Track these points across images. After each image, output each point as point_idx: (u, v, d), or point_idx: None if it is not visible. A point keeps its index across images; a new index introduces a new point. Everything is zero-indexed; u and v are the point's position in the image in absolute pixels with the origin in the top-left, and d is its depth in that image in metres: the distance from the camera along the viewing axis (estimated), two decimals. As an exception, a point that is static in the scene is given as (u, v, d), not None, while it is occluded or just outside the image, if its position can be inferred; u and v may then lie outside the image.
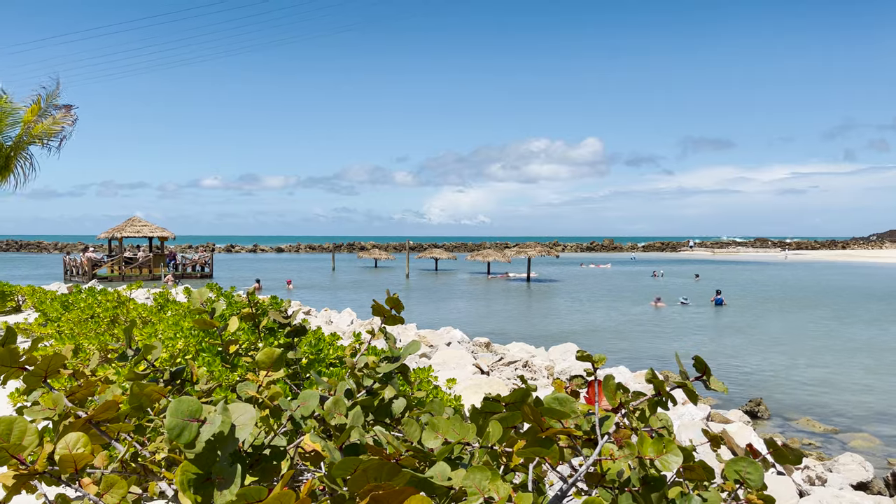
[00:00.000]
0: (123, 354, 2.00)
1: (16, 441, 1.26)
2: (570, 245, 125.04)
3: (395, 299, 2.21)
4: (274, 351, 1.88)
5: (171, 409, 1.22)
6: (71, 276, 38.12)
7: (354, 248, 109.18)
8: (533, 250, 47.32)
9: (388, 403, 1.79)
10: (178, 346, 3.52)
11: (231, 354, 2.69)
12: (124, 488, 1.27)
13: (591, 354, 1.49)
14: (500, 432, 1.35)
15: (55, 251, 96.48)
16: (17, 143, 13.04)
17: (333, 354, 3.50)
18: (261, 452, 1.47)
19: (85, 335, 5.87)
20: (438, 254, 57.12)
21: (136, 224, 38.44)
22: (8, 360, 1.63)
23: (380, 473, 1.15)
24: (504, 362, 11.64)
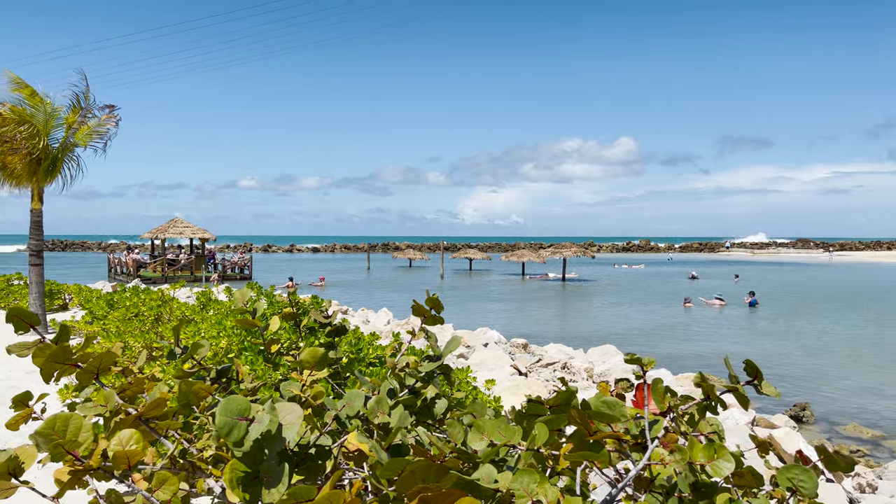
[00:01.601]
0: (172, 352, 2.03)
1: (71, 437, 1.29)
2: (606, 245, 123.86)
3: (435, 300, 2.21)
4: (317, 350, 1.90)
5: (220, 408, 1.24)
6: (115, 275, 39.09)
7: (389, 248, 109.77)
8: (568, 251, 46.98)
9: (431, 403, 1.79)
10: (221, 344, 3.58)
11: (273, 353, 2.72)
12: (175, 485, 1.29)
13: (640, 357, 1.46)
14: (546, 435, 1.34)
15: (99, 250, 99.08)
16: (64, 144, 13.39)
17: (373, 354, 3.51)
18: (306, 451, 1.48)
19: (130, 333, 6.00)
20: (473, 254, 57.09)
21: (178, 225, 39.22)
22: (62, 358, 1.66)
23: (427, 475, 1.15)
24: (542, 364, 11.57)
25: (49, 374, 1.66)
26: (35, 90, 13.00)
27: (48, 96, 13.15)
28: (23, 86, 12.89)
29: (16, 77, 12.82)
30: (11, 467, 1.42)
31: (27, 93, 12.93)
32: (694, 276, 49.79)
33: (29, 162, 12.87)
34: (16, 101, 12.87)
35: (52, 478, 2.21)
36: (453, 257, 58.60)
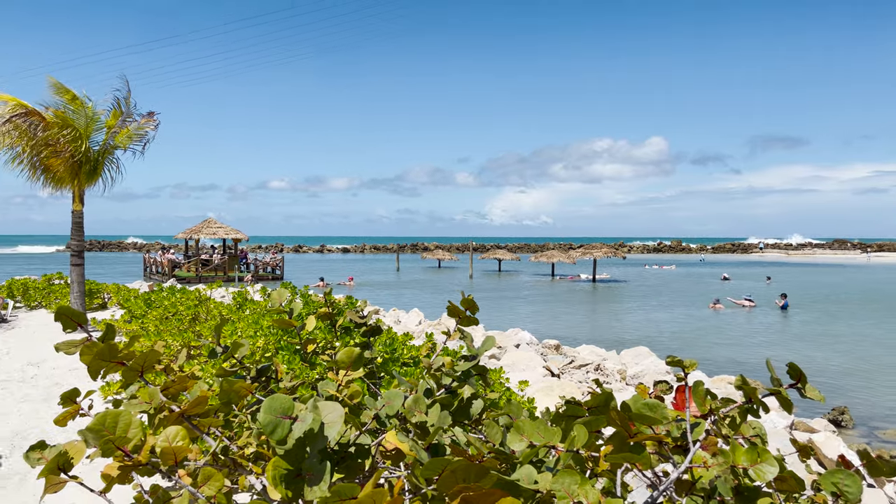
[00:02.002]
0: (213, 351, 2.07)
1: (121, 433, 1.32)
2: (637, 246, 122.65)
3: (470, 301, 2.21)
4: (354, 350, 1.92)
5: (265, 406, 1.26)
6: (150, 275, 39.84)
7: (418, 248, 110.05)
8: (598, 251, 46.60)
9: (468, 404, 1.79)
10: (258, 343, 3.63)
11: (309, 353, 2.75)
12: (220, 481, 1.32)
13: (681, 360, 1.45)
14: (585, 436, 1.34)
15: (134, 250, 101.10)
16: (104, 147, 13.71)
17: (407, 354, 3.53)
18: (346, 450, 1.50)
19: (168, 332, 6.12)
20: (502, 255, 56.96)
21: (211, 226, 39.82)
22: (108, 356, 1.70)
23: (468, 475, 1.15)
24: (575, 365, 11.50)
25: (96, 372, 1.71)
26: (76, 95, 13.33)
27: (89, 100, 13.49)
28: (64, 91, 13.23)
29: (57, 82, 13.16)
30: (61, 462, 1.46)
31: (68, 97, 13.27)
32: (726, 277, 49.03)
33: (71, 165, 13.21)
34: (58, 106, 13.22)
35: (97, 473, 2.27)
36: (482, 258, 58.52)
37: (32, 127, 12.86)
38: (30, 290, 16.80)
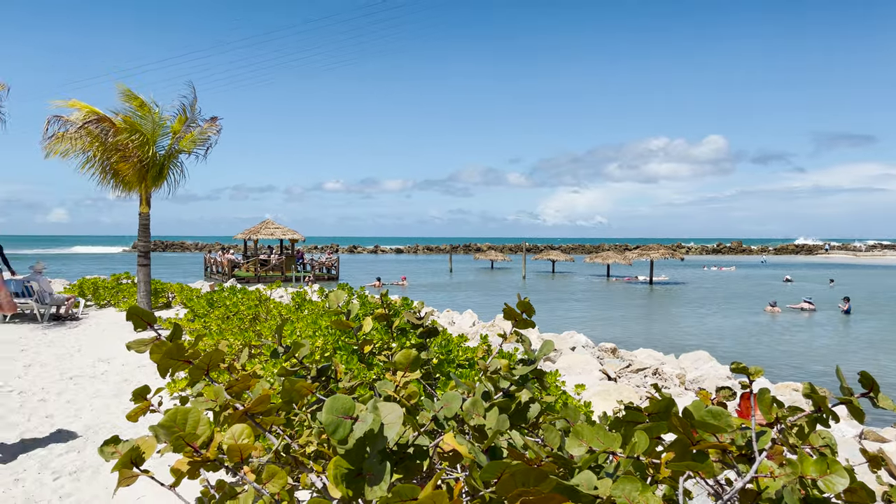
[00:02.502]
0: (275, 351, 2.12)
1: (190, 430, 1.37)
2: (695, 247, 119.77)
3: (527, 303, 2.21)
4: (411, 352, 1.94)
5: (327, 406, 1.29)
6: (211, 275, 41.00)
7: (470, 249, 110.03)
8: (655, 252, 45.70)
9: (525, 407, 1.79)
10: (317, 343, 3.70)
11: (367, 353, 2.79)
12: (284, 478, 1.35)
13: (746, 366, 1.42)
14: (646, 443, 1.32)
15: (196, 251, 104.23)
16: (169, 151, 14.20)
17: (462, 356, 3.55)
18: (405, 451, 1.52)
19: (230, 331, 6.30)
20: (555, 255, 56.45)
21: (269, 227, 40.73)
22: (176, 355, 1.76)
23: (527, 479, 1.15)
24: (632, 369, 11.32)
25: (165, 370, 1.77)
26: (144, 101, 13.86)
27: (156, 106, 14.00)
28: (133, 97, 13.77)
29: (126, 89, 13.70)
30: (133, 457, 1.52)
31: (137, 104, 13.80)
32: (788, 279, 47.42)
33: (138, 169, 13.74)
34: (127, 112, 13.77)
35: (166, 468, 2.35)
36: (535, 259, 58.13)
37: (103, 133, 13.42)
38: (99, 290, 17.52)
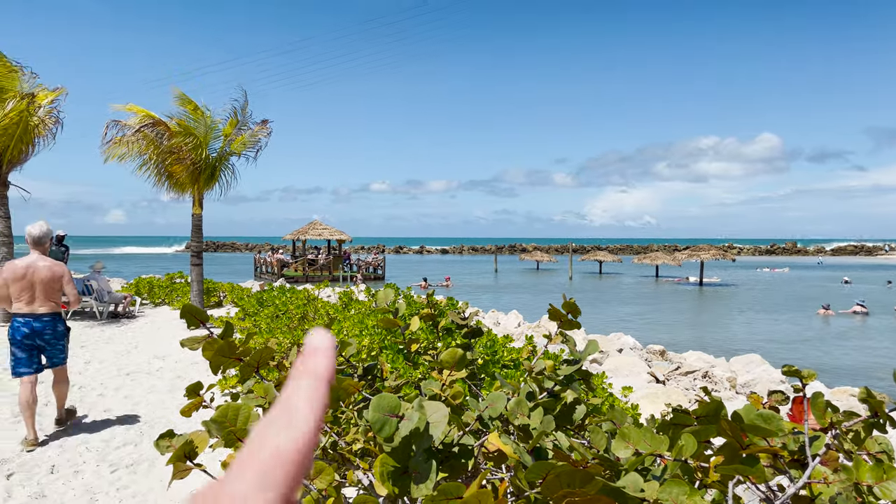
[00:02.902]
0: (323, 350, 2.16)
1: (241, 425, 1.41)
2: (747, 248, 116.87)
3: (572, 304, 2.19)
4: (456, 351, 1.94)
5: (373, 405, 1.30)
6: (260, 274, 41.84)
7: (516, 249, 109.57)
8: (706, 253, 44.74)
9: (570, 408, 1.78)
10: (363, 342, 3.75)
11: (413, 353, 2.81)
12: (331, 475, 1.37)
13: (798, 369, 1.39)
14: (694, 446, 1.30)
15: (246, 251, 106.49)
16: (221, 154, 14.56)
17: (507, 356, 3.54)
18: (450, 450, 1.53)
19: (279, 330, 6.42)
20: (602, 256, 55.77)
21: (317, 227, 41.34)
22: (228, 352, 1.81)
23: (573, 480, 1.15)
24: (681, 372, 11.10)
25: (217, 367, 1.82)
26: (197, 104, 14.24)
27: (208, 109, 14.37)
28: (187, 101, 14.16)
29: (181, 93, 14.11)
30: (187, 451, 1.57)
31: (191, 107, 14.20)
32: (846, 280, 45.83)
33: (192, 171, 14.12)
34: (181, 116, 14.17)
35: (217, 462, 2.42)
36: (582, 259, 57.54)
37: (159, 136, 13.85)
38: (154, 288, 18.07)
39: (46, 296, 5.94)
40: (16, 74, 13.28)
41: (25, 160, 14.02)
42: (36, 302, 5.91)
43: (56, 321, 6.06)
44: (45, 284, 5.91)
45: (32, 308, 5.90)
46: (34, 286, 5.88)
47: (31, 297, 5.89)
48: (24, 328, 5.89)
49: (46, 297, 5.94)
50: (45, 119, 13.88)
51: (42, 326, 5.93)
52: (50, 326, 5.98)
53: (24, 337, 5.88)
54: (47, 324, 5.96)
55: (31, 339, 5.91)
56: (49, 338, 5.98)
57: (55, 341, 6.04)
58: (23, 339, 5.88)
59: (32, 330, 5.91)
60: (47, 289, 5.93)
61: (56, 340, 6.05)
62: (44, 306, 5.94)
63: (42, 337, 5.94)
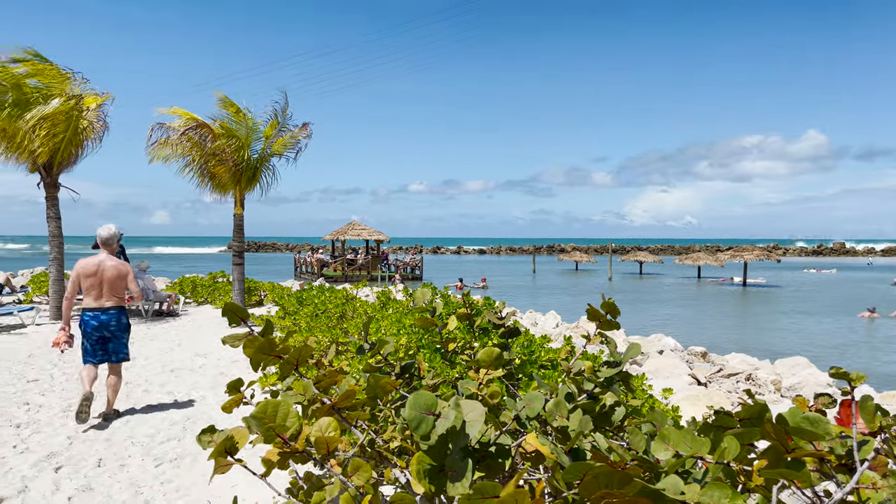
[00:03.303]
0: (361, 348, 2.17)
1: (280, 422, 1.43)
2: (793, 249, 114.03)
3: (611, 304, 2.16)
4: (493, 350, 1.94)
5: (410, 402, 1.31)
6: (300, 274, 42.38)
7: (554, 250, 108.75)
8: (750, 254, 43.80)
9: (610, 410, 1.76)
10: (401, 341, 3.77)
11: (450, 352, 2.81)
12: (369, 472, 1.38)
13: (846, 372, 1.34)
14: (737, 448, 1.27)
15: (286, 251, 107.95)
16: (262, 155, 14.80)
17: (545, 357, 3.52)
18: (487, 449, 1.52)
19: (318, 328, 6.50)
20: (643, 257, 55.00)
21: (355, 228, 41.71)
22: (268, 350, 1.83)
23: (611, 481, 1.13)
24: (723, 374, 10.89)
25: (257, 364, 1.85)
26: (239, 107, 14.50)
27: (249, 112, 14.62)
28: (229, 104, 14.44)
29: (224, 96, 14.38)
30: (228, 446, 1.60)
31: (233, 110, 14.47)
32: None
33: (234, 172, 14.39)
34: (224, 118, 14.46)
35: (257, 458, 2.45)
36: (622, 260, 56.85)
37: (202, 138, 14.14)
38: (197, 287, 18.44)
39: (112, 291, 6.54)
40: (67, 80, 13.72)
41: (75, 163, 14.48)
42: (103, 297, 6.51)
43: (121, 314, 6.66)
44: (111, 281, 6.51)
45: (100, 302, 6.51)
46: (102, 283, 6.49)
47: (99, 292, 6.49)
48: (93, 321, 6.49)
49: (112, 293, 6.54)
50: (93, 122, 14.31)
51: (108, 319, 6.54)
52: (115, 319, 6.59)
53: (93, 329, 6.49)
54: (113, 316, 6.57)
55: (98, 331, 6.52)
56: (115, 329, 6.60)
57: (120, 333, 6.65)
58: (92, 331, 6.49)
59: (100, 322, 6.51)
60: (113, 285, 6.53)
61: (121, 333, 6.66)
62: (110, 301, 6.54)
63: (108, 328, 6.55)
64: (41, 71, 13.39)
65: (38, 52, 13.50)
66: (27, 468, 5.17)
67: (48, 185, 14.01)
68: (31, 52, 13.42)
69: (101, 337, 6.55)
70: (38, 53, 13.48)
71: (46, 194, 14.04)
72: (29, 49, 13.40)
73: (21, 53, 13.31)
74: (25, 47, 13.37)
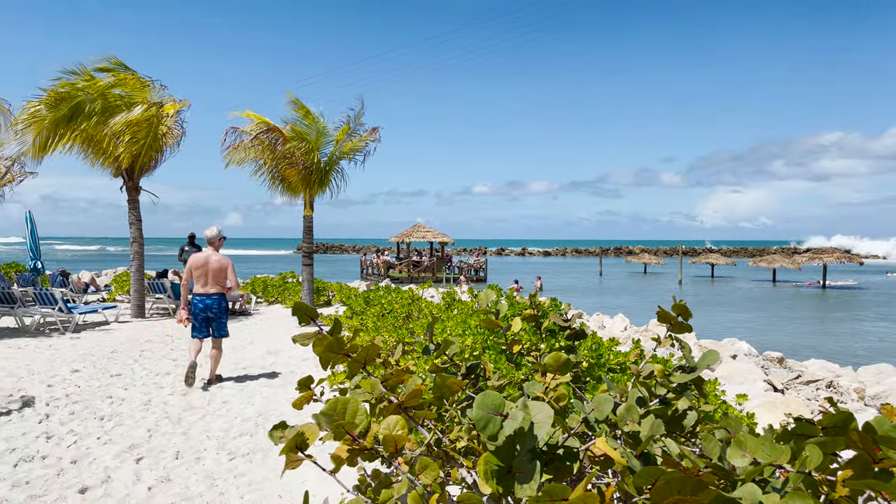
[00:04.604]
0: (427, 348, 2.18)
1: (349, 419, 1.45)
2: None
3: (682, 306, 2.11)
4: (561, 356, 1.92)
5: (478, 402, 1.31)
6: (367, 275, 43.01)
7: (621, 252, 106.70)
8: (829, 256, 41.89)
9: (682, 415, 1.71)
10: (466, 342, 3.78)
11: (515, 353, 2.80)
12: (436, 471, 1.39)
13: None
14: (820, 457, 1.22)
15: (353, 252, 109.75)
16: (331, 159, 15.10)
17: (614, 360, 3.45)
18: (554, 451, 1.51)
19: (384, 328, 6.58)
20: (715, 259, 53.32)
21: (420, 230, 42.03)
22: (336, 348, 1.86)
23: (683, 487, 1.10)
24: (802, 381, 10.44)
25: (326, 362, 1.88)
26: (309, 110, 14.86)
27: (321, 115, 14.96)
28: (300, 107, 14.81)
29: (295, 99, 14.76)
30: (298, 442, 1.63)
31: (303, 113, 14.83)
32: None
33: (304, 175, 14.73)
34: (295, 121, 14.84)
35: (326, 455, 2.49)
36: (693, 262, 55.27)
37: (273, 142, 14.54)
38: (268, 287, 18.97)
39: (216, 281, 7.94)
40: (147, 88, 14.36)
41: (155, 167, 15.15)
42: (208, 285, 7.92)
43: (221, 300, 8.06)
44: (215, 272, 7.93)
45: (206, 289, 7.93)
46: (208, 273, 7.91)
47: (205, 281, 7.91)
48: (200, 304, 7.94)
49: (216, 282, 7.95)
50: (171, 128, 14.94)
51: (212, 303, 7.97)
52: (217, 303, 8.01)
53: (199, 311, 7.95)
54: (215, 301, 8.00)
55: (204, 312, 7.96)
56: (217, 311, 8.02)
57: (220, 314, 8.06)
58: (199, 312, 7.95)
59: (205, 305, 7.95)
60: (216, 275, 7.94)
61: (221, 314, 8.07)
62: (213, 288, 7.96)
63: (212, 310, 7.98)
64: (123, 81, 14.06)
65: (121, 61, 14.18)
66: (110, 459, 5.43)
67: (130, 189, 14.69)
68: (114, 60, 14.12)
69: (206, 317, 7.96)
70: (120, 62, 14.16)
71: (128, 197, 14.72)
72: (112, 57, 14.09)
73: (105, 62, 14.02)
74: (108, 56, 14.08)
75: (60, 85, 13.39)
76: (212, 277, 7.92)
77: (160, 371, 8.88)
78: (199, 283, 7.91)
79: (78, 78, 13.62)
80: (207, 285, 7.91)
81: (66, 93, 13.34)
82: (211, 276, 7.91)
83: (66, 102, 13.29)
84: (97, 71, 13.93)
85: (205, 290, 7.94)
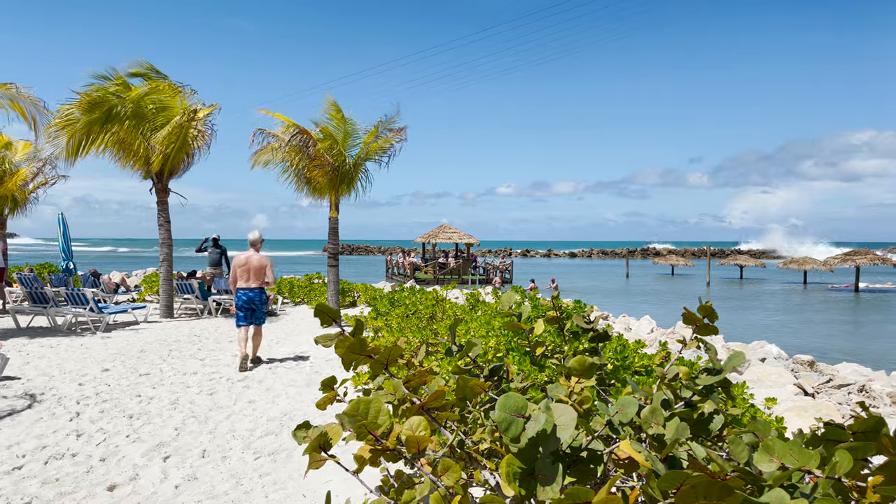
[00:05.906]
0: (449, 349, 2.18)
1: (372, 419, 1.45)
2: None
3: (709, 308, 2.08)
4: (585, 359, 1.90)
5: (500, 404, 1.30)
6: (392, 276, 43.14)
7: (648, 253, 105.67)
8: (863, 258, 41.00)
9: (708, 419, 1.69)
10: (489, 343, 3.77)
11: (538, 355, 2.78)
12: (458, 473, 1.38)
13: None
14: (850, 463, 1.19)
15: (378, 253, 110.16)
16: (357, 160, 15.18)
17: (639, 363, 3.42)
18: (578, 454, 1.49)
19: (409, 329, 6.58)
20: (744, 260, 52.52)
21: (446, 231, 42.04)
22: (359, 349, 1.87)
23: (710, 492, 1.09)
24: (833, 384, 10.23)
25: (349, 363, 1.88)
26: (341, 110, 14.99)
27: (352, 118, 15.09)
28: (335, 109, 14.95)
29: (332, 101, 14.95)
30: (322, 442, 1.64)
31: (334, 111, 14.98)
32: None
33: (331, 176, 14.83)
34: (324, 122, 14.96)
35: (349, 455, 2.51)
36: (721, 264, 54.50)
37: (304, 143, 14.65)
38: (294, 288, 19.12)
39: (256, 277, 9.28)
40: (178, 93, 14.57)
41: (185, 170, 15.37)
42: (250, 280, 9.27)
43: (261, 293, 9.41)
44: (256, 270, 9.27)
45: (248, 284, 9.28)
46: (250, 270, 9.26)
47: (248, 277, 9.27)
48: (244, 296, 9.28)
49: (256, 278, 9.29)
50: (202, 131, 15.13)
51: (253, 295, 9.32)
52: (257, 295, 9.36)
53: (243, 303, 9.27)
54: (256, 294, 9.35)
55: (247, 304, 9.27)
56: (257, 302, 9.36)
57: (260, 305, 9.43)
58: (242, 304, 9.27)
59: (248, 297, 9.27)
60: (257, 272, 9.28)
61: (260, 304, 9.43)
62: (254, 283, 9.29)
63: (253, 302, 9.32)
64: (156, 88, 14.27)
65: (153, 66, 14.40)
66: (138, 457, 5.51)
67: (159, 191, 14.92)
68: (147, 65, 14.35)
69: (249, 308, 9.28)
70: (153, 67, 14.39)
71: (158, 199, 14.95)
72: (145, 62, 14.32)
73: (138, 67, 14.25)
74: (140, 61, 14.30)
75: (94, 89, 13.64)
76: (253, 274, 9.26)
77: (187, 370, 9.00)
78: (242, 279, 9.28)
79: (110, 83, 13.86)
80: (249, 280, 9.25)
81: (100, 97, 13.59)
82: (252, 272, 9.26)
83: (100, 107, 13.54)
84: (130, 76, 14.17)
85: (247, 285, 9.27)
